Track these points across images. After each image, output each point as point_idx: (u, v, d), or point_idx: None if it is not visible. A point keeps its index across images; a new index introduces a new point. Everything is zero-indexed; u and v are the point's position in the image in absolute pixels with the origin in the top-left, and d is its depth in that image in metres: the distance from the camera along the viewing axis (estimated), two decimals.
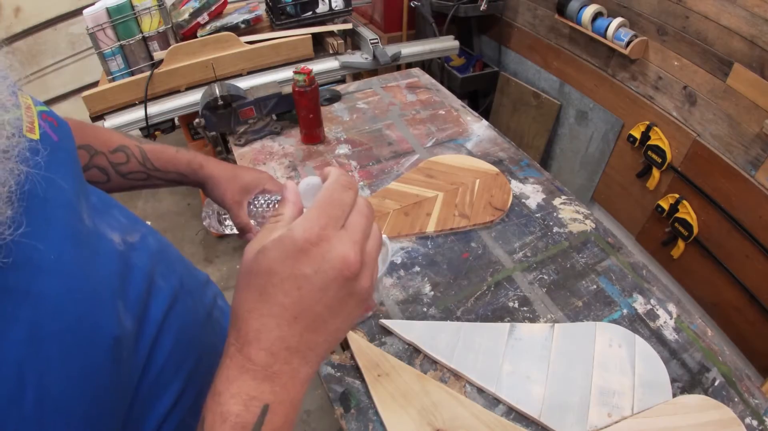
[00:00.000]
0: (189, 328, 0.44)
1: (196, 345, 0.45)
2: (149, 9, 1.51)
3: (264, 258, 0.29)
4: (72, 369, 0.28)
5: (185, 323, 0.44)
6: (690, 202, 1.58)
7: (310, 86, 1.06)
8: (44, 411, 0.26)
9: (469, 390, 0.68)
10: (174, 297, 0.43)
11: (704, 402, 0.66)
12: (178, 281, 0.45)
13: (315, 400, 1.56)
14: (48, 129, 0.36)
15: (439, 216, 0.95)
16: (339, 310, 0.30)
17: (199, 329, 0.47)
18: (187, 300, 0.46)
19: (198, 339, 0.46)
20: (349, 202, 0.31)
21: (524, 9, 2.13)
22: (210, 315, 0.50)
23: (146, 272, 0.40)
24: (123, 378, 0.33)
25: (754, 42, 1.27)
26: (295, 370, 0.31)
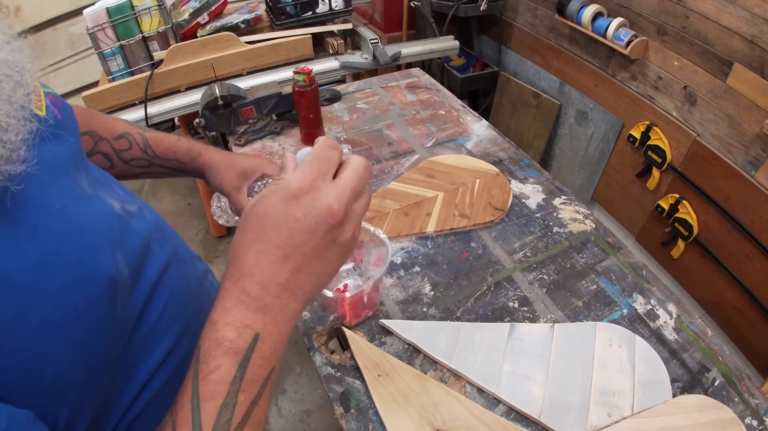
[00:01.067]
0: (181, 291, 0.47)
1: (187, 309, 0.48)
2: (149, 9, 1.51)
3: (261, 203, 0.34)
4: (72, 299, 0.31)
5: (178, 286, 0.47)
6: (690, 201, 1.58)
7: (310, 86, 1.06)
8: (46, 330, 0.29)
9: (469, 390, 0.68)
10: (168, 262, 0.46)
11: (704, 402, 0.66)
12: (171, 250, 0.48)
13: (315, 400, 1.56)
14: (53, 108, 0.40)
15: (439, 216, 0.95)
16: (324, 255, 0.34)
17: (191, 294, 0.50)
18: (179, 266, 0.49)
19: (189, 303, 0.49)
20: (335, 159, 0.36)
21: (524, 9, 2.13)
22: (201, 284, 0.54)
23: (143, 236, 0.43)
24: (118, 320, 0.36)
25: (754, 42, 1.27)
26: (285, 305, 0.34)
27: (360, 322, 0.77)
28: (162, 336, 0.44)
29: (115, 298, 0.35)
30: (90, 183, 0.41)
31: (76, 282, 0.32)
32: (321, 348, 0.74)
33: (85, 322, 0.32)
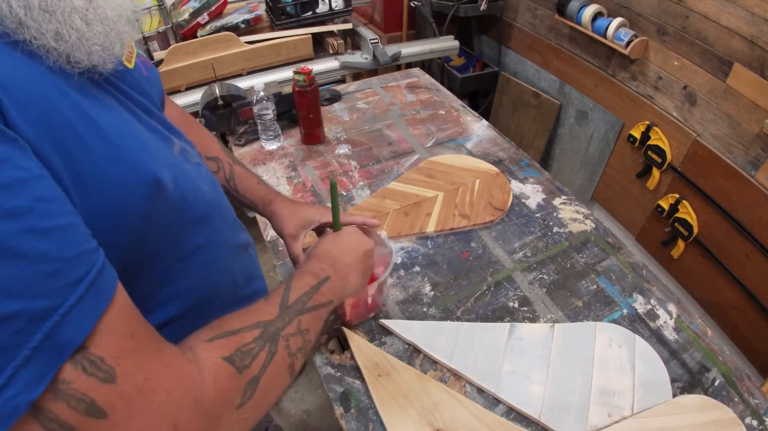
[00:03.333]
0: (218, 245, 0.53)
1: (220, 264, 0.54)
2: (149, 9, 1.51)
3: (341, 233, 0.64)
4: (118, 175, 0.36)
5: (217, 238, 0.52)
6: (690, 201, 1.58)
7: (310, 86, 1.06)
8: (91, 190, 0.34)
9: (469, 390, 0.68)
10: (212, 213, 0.51)
11: (704, 402, 0.66)
12: (219, 203, 0.54)
13: (315, 400, 1.56)
14: (141, 65, 0.49)
15: (439, 216, 0.95)
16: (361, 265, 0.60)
17: (228, 253, 0.56)
18: (222, 223, 0.54)
19: (223, 259, 0.54)
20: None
21: (524, 9, 2.13)
22: (239, 252, 0.60)
23: (194, 178, 0.48)
24: (153, 223, 0.40)
25: (754, 42, 1.27)
26: (343, 275, 0.57)
27: (363, 322, 0.77)
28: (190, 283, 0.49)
29: (156, 198, 0.39)
30: (162, 125, 0.48)
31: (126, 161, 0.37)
32: (321, 348, 0.74)
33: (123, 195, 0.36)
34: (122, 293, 0.33)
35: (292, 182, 1.06)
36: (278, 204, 0.74)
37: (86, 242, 0.31)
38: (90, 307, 0.29)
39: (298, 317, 0.47)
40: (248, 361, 0.40)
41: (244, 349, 0.40)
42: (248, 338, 0.41)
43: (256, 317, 0.44)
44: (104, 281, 0.31)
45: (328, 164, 1.11)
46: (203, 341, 0.39)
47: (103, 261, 0.32)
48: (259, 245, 2.17)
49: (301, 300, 0.49)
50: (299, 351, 0.46)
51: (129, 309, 0.34)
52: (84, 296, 0.29)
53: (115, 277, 0.33)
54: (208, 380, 0.36)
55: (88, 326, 0.29)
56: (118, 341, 0.31)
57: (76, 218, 0.31)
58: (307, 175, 1.08)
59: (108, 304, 0.31)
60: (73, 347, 0.28)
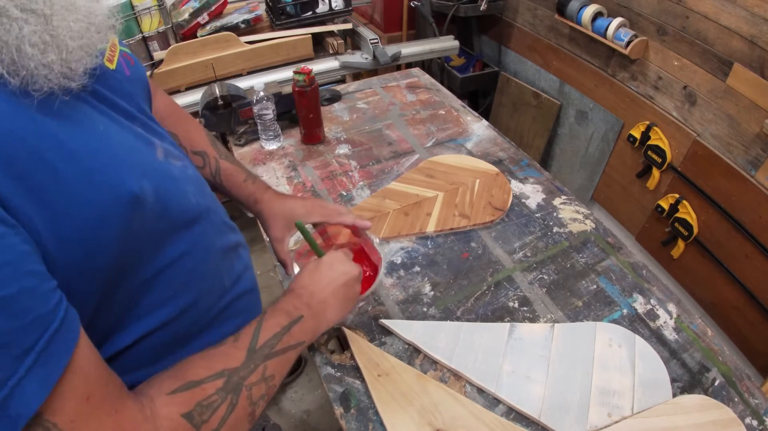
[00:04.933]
0: (203, 249, 0.51)
1: (206, 269, 0.52)
2: (149, 9, 1.51)
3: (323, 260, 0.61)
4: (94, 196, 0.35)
5: (202, 244, 0.51)
6: (690, 202, 1.57)
7: (310, 86, 1.06)
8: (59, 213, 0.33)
9: (469, 390, 0.68)
10: (198, 215, 0.50)
11: (704, 402, 0.66)
12: (206, 208, 0.52)
13: (315, 400, 1.56)
14: (124, 64, 0.48)
15: (439, 216, 0.95)
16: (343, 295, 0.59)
17: (212, 258, 0.54)
18: (208, 227, 0.52)
19: (207, 267, 0.53)
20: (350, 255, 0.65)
21: (524, 9, 2.13)
22: (226, 254, 0.57)
23: (178, 181, 0.47)
24: (132, 235, 0.40)
25: (754, 42, 1.27)
26: (319, 312, 0.56)
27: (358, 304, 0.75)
28: (174, 290, 0.48)
29: (133, 214, 0.39)
30: (144, 129, 0.46)
31: (100, 183, 0.36)
32: (321, 348, 0.74)
33: (98, 220, 0.36)
34: (83, 347, 0.33)
35: (292, 182, 1.06)
36: (264, 204, 0.72)
37: (40, 305, 0.30)
38: (41, 376, 0.29)
39: (264, 362, 0.46)
40: (207, 416, 0.40)
41: (204, 403, 0.40)
42: (210, 390, 0.41)
43: (221, 364, 0.44)
44: (59, 344, 0.31)
45: (328, 164, 1.11)
46: (165, 393, 0.39)
47: (60, 319, 0.31)
48: (260, 245, 2.18)
49: (270, 344, 0.48)
50: (261, 398, 0.46)
51: (88, 365, 0.33)
52: (34, 366, 0.29)
53: (75, 333, 0.33)
54: None
55: (39, 397, 0.29)
56: (73, 405, 0.31)
57: (31, 279, 0.30)
58: (307, 175, 1.08)
59: (63, 369, 0.31)
60: (26, 418, 0.28)
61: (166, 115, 0.59)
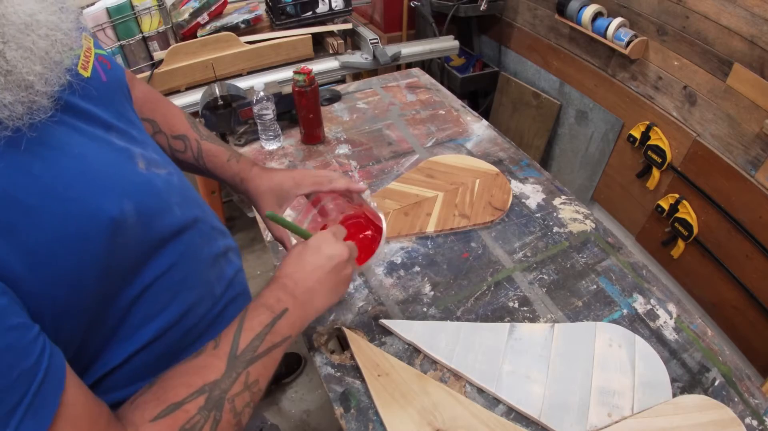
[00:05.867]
0: (191, 258, 0.51)
1: (195, 281, 0.52)
2: (149, 9, 1.51)
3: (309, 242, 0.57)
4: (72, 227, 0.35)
5: (189, 252, 0.51)
6: (690, 202, 1.58)
7: (310, 86, 1.06)
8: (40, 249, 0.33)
9: (469, 390, 0.68)
10: (185, 226, 0.50)
11: (704, 402, 0.66)
12: (193, 218, 0.52)
13: (315, 400, 1.56)
14: (100, 70, 0.46)
15: (439, 216, 0.95)
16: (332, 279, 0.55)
17: (202, 266, 0.54)
18: (196, 236, 0.52)
19: (198, 275, 0.53)
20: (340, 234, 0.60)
21: (524, 9, 2.13)
22: (216, 261, 0.57)
23: (162, 194, 0.47)
24: (116, 258, 0.40)
25: (754, 42, 1.27)
26: (305, 302, 0.53)
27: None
28: (164, 303, 0.48)
29: (115, 237, 0.39)
30: (123, 139, 0.45)
31: (78, 214, 0.36)
32: (321, 348, 0.74)
33: (78, 251, 0.36)
34: (70, 389, 0.34)
35: None
36: (251, 182, 0.70)
37: (23, 359, 0.30)
38: (32, 429, 0.30)
39: (246, 369, 0.45)
40: None
41: (187, 427, 0.40)
42: (192, 411, 0.40)
43: (201, 379, 0.42)
44: (46, 394, 0.31)
45: (328, 164, 1.11)
46: (148, 421, 0.39)
47: (44, 369, 0.31)
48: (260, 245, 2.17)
49: (252, 347, 0.46)
50: (247, 406, 0.45)
51: (75, 407, 0.34)
52: (24, 419, 0.29)
53: (61, 379, 0.33)
54: None
55: None
56: None
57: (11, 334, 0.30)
58: None
59: (51, 419, 0.31)
60: None
61: (143, 102, 0.57)
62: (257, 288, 1.99)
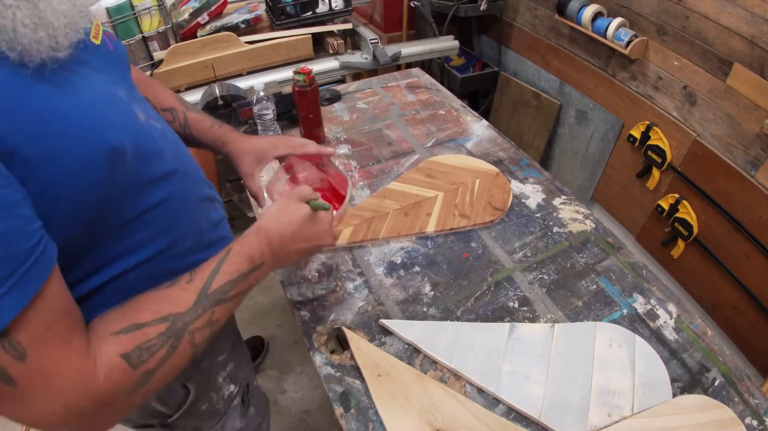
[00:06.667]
0: (180, 198, 0.57)
1: (182, 220, 0.58)
2: (149, 9, 1.51)
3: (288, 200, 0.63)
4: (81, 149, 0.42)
5: (178, 192, 0.56)
6: (690, 202, 1.58)
7: (310, 86, 1.06)
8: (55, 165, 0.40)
9: (469, 390, 0.68)
10: (175, 170, 0.55)
11: (704, 402, 0.66)
12: (183, 165, 0.58)
13: (315, 400, 1.56)
14: (108, 42, 0.54)
15: (439, 216, 0.95)
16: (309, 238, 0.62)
17: (189, 205, 0.59)
18: (185, 180, 0.58)
19: (185, 214, 0.58)
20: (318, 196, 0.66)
21: (524, 9, 2.13)
22: (203, 204, 0.63)
23: (157, 141, 0.53)
24: (115, 184, 0.46)
25: (754, 42, 1.27)
26: (281, 259, 0.60)
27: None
28: (154, 232, 0.53)
29: (114, 166, 0.45)
30: (127, 95, 0.52)
31: (87, 138, 0.42)
32: (321, 348, 0.74)
33: (84, 171, 0.42)
34: (53, 282, 0.39)
35: None
36: (232, 144, 0.79)
37: (23, 242, 0.37)
38: (15, 299, 0.36)
39: (212, 308, 0.50)
40: (146, 357, 0.44)
41: (144, 346, 0.44)
42: (152, 334, 0.45)
43: (168, 308, 0.47)
44: (34, 275, 0.37)
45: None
46: (109, 334, 0.44)
47: (37, 254, 0.37)
48: None
49: (223, 290, 0.51)
50: (204, 341, 0.50)
51: (54, 298, 0.40)
52: (11, 290, 0.35)
53: (48, 268, 0.39)
54: (101, 374, 0.41)
55: (10, 315, 0.35)
56: (35, 330, 0.38)
57: (17, 220, 0.36)
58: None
59: (30, 299, 0.37)
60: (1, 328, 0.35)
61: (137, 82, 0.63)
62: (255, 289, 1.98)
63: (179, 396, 0.70)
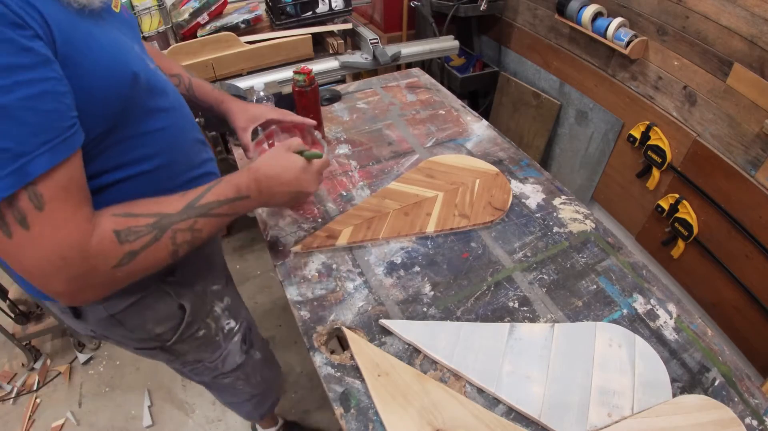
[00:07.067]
0: (178, 130, 0.68)
1: (179, 144, 0.68)
2: (149, 9, 1.51)
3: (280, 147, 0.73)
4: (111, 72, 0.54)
5: (177, 126, 0.67)
6: (690, 202, 1.58)
7: (310, 86, 1.06)
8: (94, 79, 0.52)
9: (469, 390, 0.68)
10: (175, 108, 0.67)
11: (704, 402, 0.66)
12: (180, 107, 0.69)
13: (315, 400, 1.56)
14: (125, 13, 0.65)
15: (439, 216, 0.95)
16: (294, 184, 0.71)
17: (186, 140, 0.70)
18: (182, 119, 0.69)
19: (183, 142, 0.69)
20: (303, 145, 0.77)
21: (524, 9, 2.13)
22: (196, 143, 0.73)
23: (163, 83, 0.65)
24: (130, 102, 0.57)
25: (754, 42, 1.27)
26: (263, 201, 0.69)
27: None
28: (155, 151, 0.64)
29: (133, 86, 0.57)
30: (140, 51, 0.64)
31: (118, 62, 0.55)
32: (321, 348, 0.74)
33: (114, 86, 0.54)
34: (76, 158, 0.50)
35: None
36: (230, 103, 0.92)
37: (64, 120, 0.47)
38: (45, 161, 0.45)
39: (196, 218, 0.60)
40: (132, 238, 0.54)
41: (133, 229, 0.54)
42: (141, 223, 0.55)
43: (159, 208, 0.58)
44: (62, 148, 0.47)
45: (328, 164, 1.11)
46: (110, 214, 0.54)
47: (71, 133, 0.48)
48: (259, 245, 2.16)
49: (209, 206, 0.61)
50: (185, 243, 0.59)
51: (74, 170, 0.49)
52: (43, 154, 0.45)
53: (77, 145, 0.49)
54: (95, 239, 0.51)
55: (43, 169, 0.45)
56: (55, 189, 0.47)
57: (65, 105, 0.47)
58: None
59: (58, 163, 0.47)
60: (31, 178, 0.45)
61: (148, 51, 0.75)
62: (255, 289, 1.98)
63: (176, 317, 0.78)
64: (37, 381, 1.63)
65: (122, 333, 0.74)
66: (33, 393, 1.60)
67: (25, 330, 1.60)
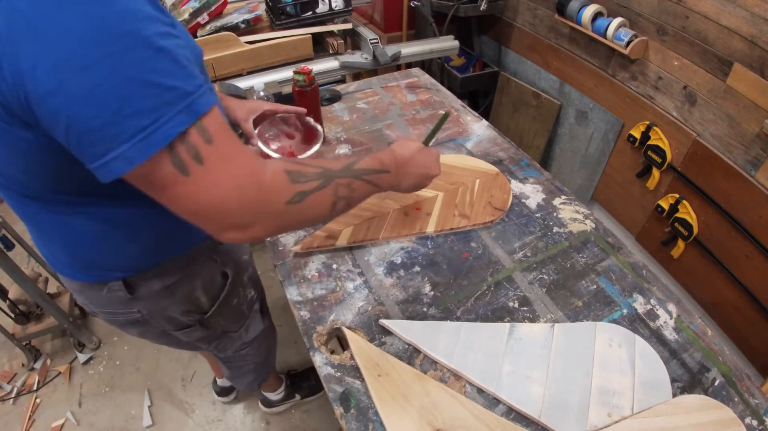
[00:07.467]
0: None
1: None
2: None
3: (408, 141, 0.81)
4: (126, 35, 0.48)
5: None
6: (690, 202, 1.58)
7: (310, 86, 1.06)
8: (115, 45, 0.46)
9: (469, 390, 0.68)
10: None
11: (704, 402, 0.66)
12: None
13: (315, 400, 1.56)
14: None
15: (439, 216, 0.95)
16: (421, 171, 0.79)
17: None
18: None
19: None
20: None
21: (524, 9, 2.13)
22: None
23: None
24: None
25: (754, 42, 1.27)
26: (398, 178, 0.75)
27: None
28: None
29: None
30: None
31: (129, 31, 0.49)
32: (321, 348, 0.74)
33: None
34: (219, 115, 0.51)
35: None
36: (227, 100, 0.98)
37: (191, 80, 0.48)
38: (209, 99, 0.47)
39: (352, 178, 0.63)
40: (303, 180, 0.56)
41: (303, 173, 0.57)
42: (310, 170, 0.58)
43: (323, 164, 0.61)
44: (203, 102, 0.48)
45: None
46: (279, 162, 0.56)
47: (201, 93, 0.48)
48: (260, 245, 2.16)
49: (362, 171, 0.66)
50: (343, 198, 0.62)
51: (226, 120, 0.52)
52: (204, 93, 0.47)
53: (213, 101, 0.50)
54: (269, 173, 0.53)
55: (206, 107, 0.47)
56: (219, 125, 0.49)
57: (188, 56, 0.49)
58: None
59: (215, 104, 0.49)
60: (198, 115, 0.46)
61: None
62: None
63: (218, 286, 0.83)
64: (37, 381, 1.63)
65: (171, 306, 0.77)
66: (33, 393, 1.60)
67: (25, 330, 1.61)
